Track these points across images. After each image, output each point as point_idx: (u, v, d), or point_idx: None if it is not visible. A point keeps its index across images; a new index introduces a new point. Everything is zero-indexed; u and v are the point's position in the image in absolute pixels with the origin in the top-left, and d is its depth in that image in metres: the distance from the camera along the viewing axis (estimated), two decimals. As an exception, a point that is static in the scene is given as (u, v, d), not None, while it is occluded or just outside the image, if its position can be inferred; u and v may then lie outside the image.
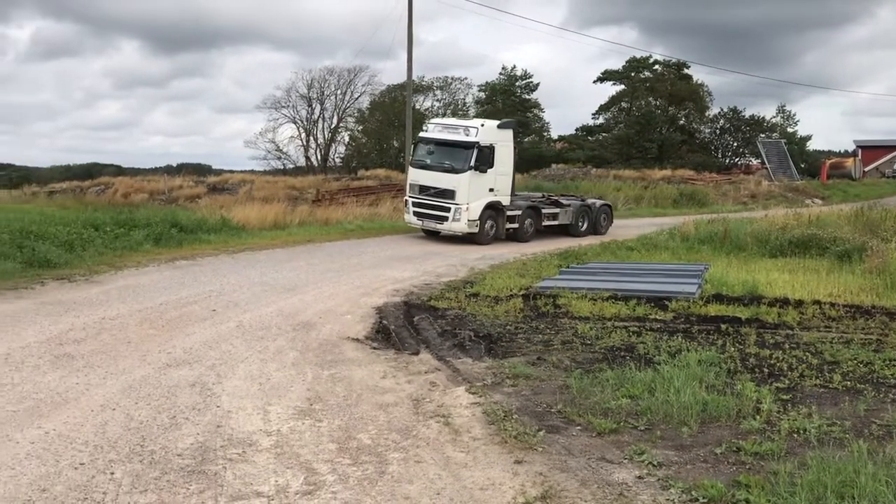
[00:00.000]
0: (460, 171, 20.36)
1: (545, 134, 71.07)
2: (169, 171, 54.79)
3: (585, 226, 24.07)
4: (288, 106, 62.26)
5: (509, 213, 21.48)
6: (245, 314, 10.54)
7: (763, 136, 68.11)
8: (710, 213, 28.10)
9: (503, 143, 21.30)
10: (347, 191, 32.83)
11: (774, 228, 19.40)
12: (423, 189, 21.14)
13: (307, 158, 62.82)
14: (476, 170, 20.27)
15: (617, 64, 71.57)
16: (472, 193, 20.30)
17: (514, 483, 5.12)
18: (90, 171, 59.30)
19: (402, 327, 10.08)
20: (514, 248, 19.89)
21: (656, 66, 69.18)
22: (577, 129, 72.68)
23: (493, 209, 20.96)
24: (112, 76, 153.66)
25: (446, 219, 20.57)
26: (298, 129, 62.78)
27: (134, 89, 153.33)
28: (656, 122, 68.25)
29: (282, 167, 61.34)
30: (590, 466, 5.38)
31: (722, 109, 72.41)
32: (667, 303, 11.50)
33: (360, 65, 60.92)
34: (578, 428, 6.16)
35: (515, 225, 21.79)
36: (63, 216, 18.98)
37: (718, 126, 72.34)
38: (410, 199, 21.73)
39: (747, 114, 70.78)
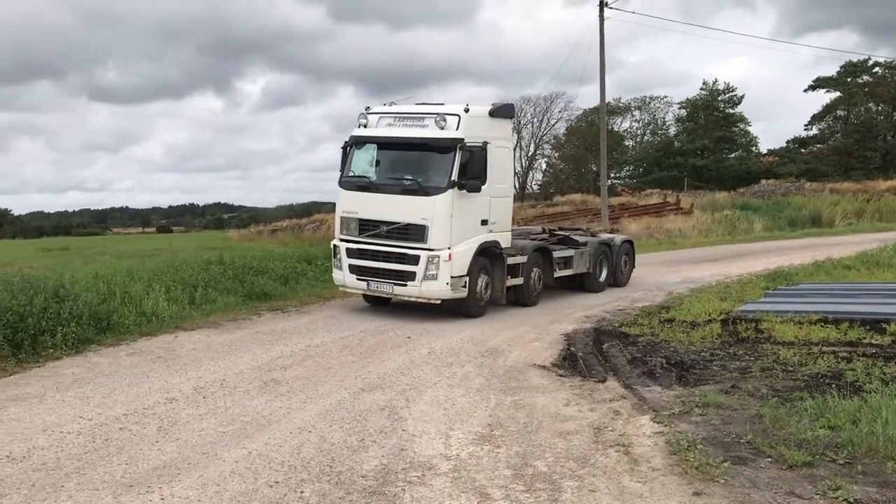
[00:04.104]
0: (433, 192, 12.18)
1: (753, 149, 67.77)
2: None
3: (605, 273, 16.30)
4: (487, 137, 63.81)
5: (511, 260, 13.37)
6: (437, 341, 10.90)
7: None
8: (945, 225, 25.42)
9: (500, 141, 13.10)
10: (542, 217, 33.22)
11: None
12: (366, 226, 12.81)
13: (506, 187, 63.87)
14: (461, 188, 12.13)
15: (834, 70, 66.48)
16: (455, 230, 12.21)
17: (690, 516, 4.92)
18: (309, 210, 64.01)
19: (590, 354, 9.98)
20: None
21: (876, 69, 63.67)
22: (787, 142, 68.84)
23: (486, 255, 12.89)
24: (330, 120, 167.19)
25: (411, 276, 12.26)
26: (497, 158, 64.11)
27: (350, 131, 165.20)
28: (879, 129, 62.98)
29: (482, 196, 62.76)
30: (775, 501, 5.06)
31: (962, 110, 65.34)
32: (885, 326, 10.57)
33: (556, 92, 61.32)
34: (768, 460, 5.81)
35: (520, 279, 13.70)
36: (281, 252, 20.50)
37: (957, 128, 65.26)
38: (343, 245, 13.19)
39: None
